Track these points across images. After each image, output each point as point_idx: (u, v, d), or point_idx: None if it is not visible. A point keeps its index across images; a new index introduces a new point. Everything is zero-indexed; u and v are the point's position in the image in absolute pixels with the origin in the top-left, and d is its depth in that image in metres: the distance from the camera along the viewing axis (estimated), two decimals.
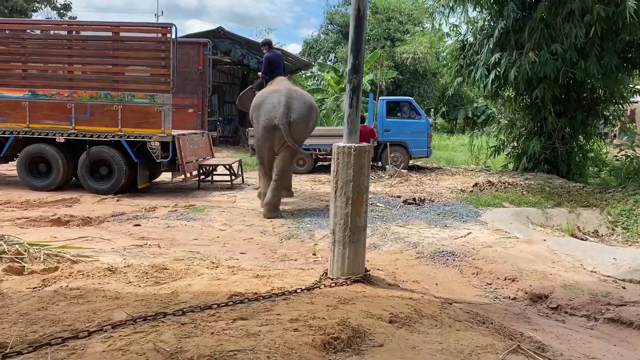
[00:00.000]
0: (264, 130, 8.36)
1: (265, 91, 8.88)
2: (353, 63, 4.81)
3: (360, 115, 10.41)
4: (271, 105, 8.35)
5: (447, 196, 9.57)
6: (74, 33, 9.90)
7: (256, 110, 8.58)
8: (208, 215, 8.19)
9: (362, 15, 4.77)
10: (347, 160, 4.82)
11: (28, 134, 9.73)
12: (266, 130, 8.34)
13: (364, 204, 4.93)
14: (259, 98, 8.76)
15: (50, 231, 6.88)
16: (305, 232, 7.11)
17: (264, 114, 8.36)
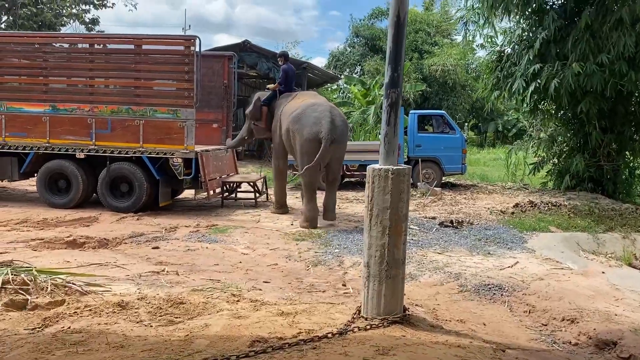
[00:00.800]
0: (309, 143, 8.37)
1: (301, 103, 8.81)
2: (391, 76, 4.29)
3: None
4: (316, 119, 8.38)
5: (487, 218, 8.92)
6: (96, 46, 9.62)
7: (296, 122, 8.51)
8: (230, 237, 7.72)
9: (402, 22, 4.25)
10: (383, 185, 4.29)
11: (48, 149, 9.46)
12: (311, 143, 8.34)
13: (403, 235, 4.38)
14: (295, 110, 8.67)
15: (64, 254, 6.49)
16: (334, 258, 6.57)
17: (309, 126, 8.37)
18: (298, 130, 8.46)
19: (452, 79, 29.14)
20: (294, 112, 8.66)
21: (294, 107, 8.86)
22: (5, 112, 9.48)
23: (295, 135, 8.53)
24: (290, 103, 9.30)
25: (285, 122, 8.86)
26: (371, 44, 34.76)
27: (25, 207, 9.49)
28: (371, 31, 34.42)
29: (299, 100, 9.12)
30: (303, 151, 8.44)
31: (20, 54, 9.75)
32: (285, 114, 9.00)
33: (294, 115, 8.60)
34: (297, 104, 8.93)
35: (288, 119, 8.73)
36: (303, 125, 8.42)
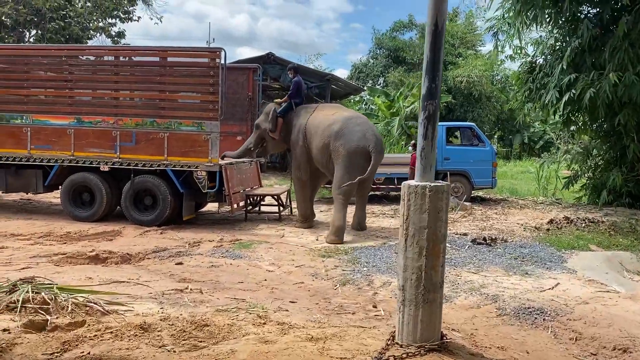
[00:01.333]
0: (356, 156, 8.59)
1: (334, 116, 8.95)
2: (429, 87, 4.04)
3: (415, 142, 9.72)
4: (361, 132, 8.64)
5: (521, 235, 8.56)
6: (121, 58, 9.58)
7: (340, 137, 8.63)
8: (255, 253, 7.51)
9: (441, 31, 4.02)
10: (420, 203, 4.03)
11: (72, 162, 9.41)
12: (358, 156, 8.58)
13: (441, 256, 4.11)
14: (331, 124, 8.80)
15: (86, 270, 6.35)
16: (363, 276, 6.30)
17: (356, 141, 8.57)
18: (343, 145, 8.57)
19: (478, 91, 28.69)
20: (333, 127, 8.75)
21: (325, 120, 8.92)
22: (30, 124, 9.47)
23: (339, 149, 8.61)
24: (315, 116, 9.23)
25: (318, 136, 8.90)
26: (394, 56, 34.54)
27: (49, 220, 9.45)
28: (394, 43, 34.21)
29: (328, 113, 9.19)
30: (347, 165, 8.57)
31: (46, 66, 9.75)
32: (313, 127, 9.03)
33: (335, 130, 8.69)
34: (327, 117, 8.99)
35: (324, 133, 8.80)
36: (349, 140, 8.57)
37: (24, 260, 6.65)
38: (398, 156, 15.17)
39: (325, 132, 8.82)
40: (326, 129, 8.83)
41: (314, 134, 9.02)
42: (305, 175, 9.42)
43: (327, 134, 8.77)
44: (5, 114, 9.51)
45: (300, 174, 9.43)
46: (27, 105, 9.56)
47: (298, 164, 9.41)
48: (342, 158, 8.61)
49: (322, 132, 8.88)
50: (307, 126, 9.17)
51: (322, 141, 8.83)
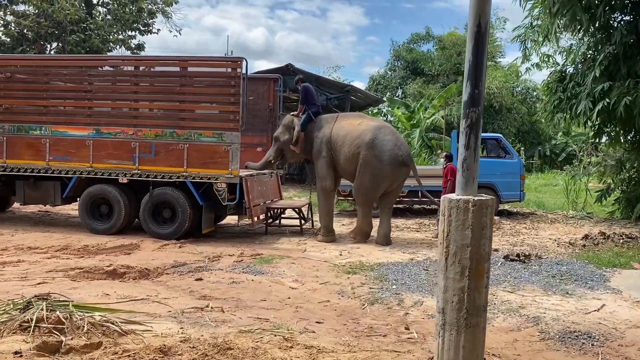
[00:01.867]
0: (391, 167, 8.76)
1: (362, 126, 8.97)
2: (471, 93, 3.74)
3: (447, 154, 9.34)
4: (393, 143, 8.80)
5: (555, 251, 8.15)
6: (141, 68, 9.43)
7: (372, 148, 8.71)
8: (277, 268, 7.23)
9: (484, 33, 3.72)
10: (463, 219, 3.71)
11: (91, 174, 9.24)
12: (392, 167, 8.76)
13: (485, 277, 3.79)
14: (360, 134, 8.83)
15: (104, 286, 6.12)
16: (392, 295, 5.97)
17: (388, 151, 8.71)
18: (376, 156, 8.69)
19: (499, 102, 28.27)
20: (364, 136, 8.79)
21: (353, 130, 8.95)
22: (49, 135, 9.34)
23: (371, 160, 8.70)
24: (340, 125, 9.19)
25: (346, 146, 8.93)
26: (412, 67, 34.29)
27: (67, 233, 9.28)
28: (412, 55, 33.98)
29: (354, 122, 9.17)
30: (377, 173, 8.73)
31: (65, 77, 9.64)
32: (340, 137, 9.02)
33: (367, 140, 8.74)
34: (355, 127, 9.01)
35: (355, 143, 8.83)
36: (382, 151, 8.71)
37: (40, 275, 6.45)
38: (423, 168, 14.81)
39: (356, 141, 8.85)
40: (357, 138, 8.87)
41: (341, 144, 9.00)
42: (331, 185, 9.37)
43: (358, 144, 8.81)
44: (24, 125, 9.39)
45: (325, 184, 9.31)
46: (46, 116, 9.45)
47: (323, 175, 9.28)
48: (372, 167, 8.74)
49: (351, 142, 8.89)
50: (333, 136, 9.11)
51: (352, 151, 8.86)
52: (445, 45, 32.22)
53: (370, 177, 8.81)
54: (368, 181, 8.85)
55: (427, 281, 6.54)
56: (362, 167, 8.85)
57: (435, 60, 31.75)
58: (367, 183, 8.86)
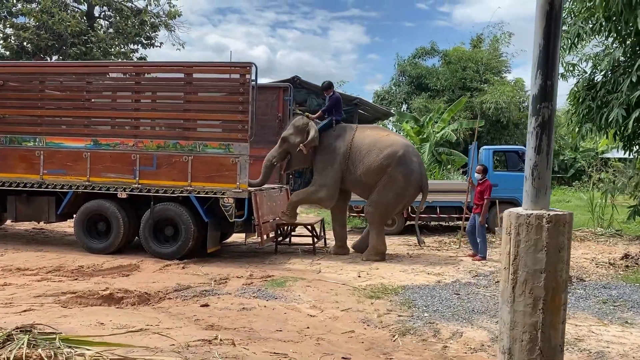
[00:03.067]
0: (413, 189, 8.71)
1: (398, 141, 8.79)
2: (542, 85, 3.09)
3: (483, 166, 8.66)
4: (417, 164, 8.74)
5: (596, 272, 7.44)
6: (142, 75, 8.82)
7: (402, 165, 8.49)
8: (291, 292, 6.52)
9: (557, 12, 3.07)
10: (535, 238, 3.06)
11: (88, 188, 8.58)
12: (414, 189, 8.71)
13: (562, 310, 3.10)
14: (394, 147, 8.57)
15: (98, 313, 5.42)
16: (425, 324, 5.25)
17: (415, 174, 8.60)
18: (404, 174, 8.49)
19: (506, 117, 27.71)
20: (394, 150, 8.52)
21: (380, 142, 8.63)
22: (44, 147, 8.70)
23: (398, 176, 8.47)
24: (363, 135, 8.82)
25: (372, 156, 8.56)
26: (417, 83, 33.79)
27: (61, 252, 8.60)
28: (417, 70, 33.50)
29: (381, 133, 8.92)
30: (400, 193, 8.56)
31: (62, 85, 9.03)
32: (365, 146, 8.64)
33: (399, 156, 8.49)
34: (382, 138, 8.71)
35: (383, 154, 8.51)
36: (410, 170, 8.56)
37: (26, 301, 5.77)
38: (441, 182, 14.11)
39: (386, 151, 8.51)
40: (387, 148, 8.54)
41: (366, 152, 8.57)
42: (331, 201, 8.92)
43: (389, 155, 8.48)
44: (17, 136, 8.75)
45: (323, 195, 8.79)
46: (40, 126, 8.80)
47: (325, 184, 8.76)
48: (396, 184, 8.52)
49: (380, 151, 8.51)
50: (354, 144, 8.68)
51: (379, 161, 8.48)
52: (451, 60, 31.74)
53: (394, 195, 8.57)
54: (391, 198, 8.59)
55: (461, 307, 5.82)
56: (387, 183, 8.53)
57: (440, 75, 31.23)
58: (389, 200, 8.60)
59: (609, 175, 25.84)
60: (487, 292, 6.57)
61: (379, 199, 8.57)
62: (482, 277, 7.37)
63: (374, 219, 8.71)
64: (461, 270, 7.89)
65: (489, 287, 6.79)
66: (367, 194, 8.82)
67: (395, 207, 8.87)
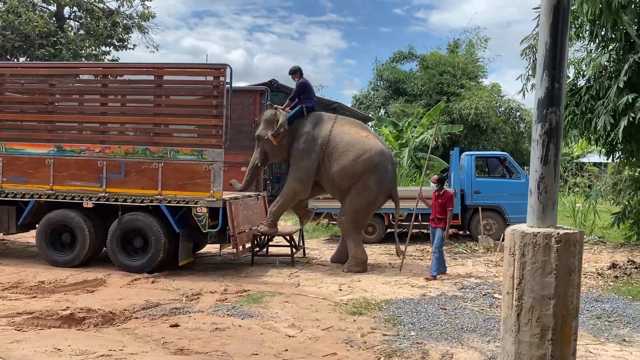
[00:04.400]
0: (384, 197, 8.53)
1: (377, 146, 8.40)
2: (549, 88, 2.77)
3: (440, 176, 8.06)
4: (392, 173, 8.52)
5: (585, 283, 7.18)
6: (110, 77, 8.33)
7: (375, 173, 8.22)
8: (268, 309, 6.10)
9: (566, 7, 2.75)
10: (543, 260, 2.73)
11: (51, 197, 8.05)
12: (384, 197, 8.54)
13: (573, 340, 2.77)
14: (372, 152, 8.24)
15: (56, 337, 4.96)
16: (412, 345, 4.89)
17: (387, 182, 8.41)
18: (378, 183, 8.25)
19: (486, 122, 27.73)
20: (371, 156, 8.22)
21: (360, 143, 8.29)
22: (3, 153, 8.15)
23: (372, 185, 8.22)
24: (343, 130, 8.46)
25: (348, 157, 8.22)
26: (394, 87, 33.69)
27: (22, 266, 8.06)
28: (395, 74, 33.41)
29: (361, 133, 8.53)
30: (373, 201, 8.36)
31: (23, 87, 8.47)
32: (343, 144, 8.29)
33: (375, 163, 8.22)
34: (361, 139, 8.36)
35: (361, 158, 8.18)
36: (384, 179, 8.34)
37: None
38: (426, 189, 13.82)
39: (363, 157, 8.19)
40: (365, 153, 8.23)
41: (343, 151, 8.24)
42: (306, 192, 8.62)
43: (364, 162, 8.18)
44: None
45: (299, 188, 8.49)
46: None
47: (301, 177, 8.44)
48: (369, 193, 8.26)
49: (357, 156, 8.19)
50: (332, 138, 8.35)
51: (356, 167, 8.17)
52: (428, 65, 31.72)
53: (366, 203, 8.33)
54: (362, 206, 8.34)
55: (449, 324, 5.49)
56: (360, 191, 8.25)
57: (417, 80, 31.17)
58: (361, 208, 8.34)
59: (585, 179, 26.04)
60: (475, 306, 6.26)
61: (351, 207, 8.29)
62: (468, 290, 7.06)
63: (348, 228, 8.40)
64: (446, 282, 7.57)
65: (476, 301, 6.48)
66: (336, 194, 8.63)
67: (367, 215, 8.65)
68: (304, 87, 8.74)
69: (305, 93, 8.75)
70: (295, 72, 8.85)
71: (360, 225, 8.60)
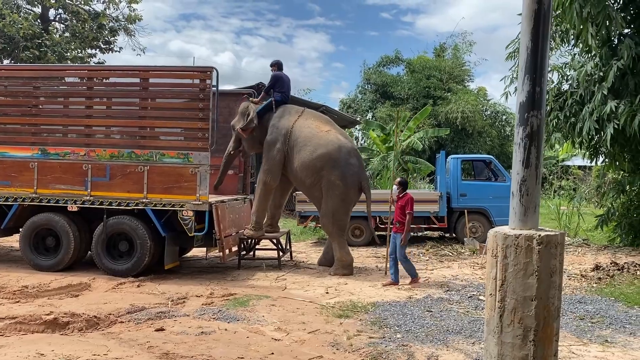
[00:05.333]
0: (354, 191, 8.39)
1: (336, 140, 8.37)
2: (530, 92, 2.81)
3: (404, 180, 7.83)
4: (355, 167, 8.35)
5: (569, 285, 7.26)
6: (95, 80, 8.28)
7: (336, 168, 8.17)
8: (254, 312, 6.09)
9: (547, 11, 2.80)
10: (524, 262, 2.77)
11: (35, 201, 7.97)
12: (354, 192, 8.38)
13: (555, 341, 2.80)
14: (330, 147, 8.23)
15: (39, 342, 4.90)
16: (398, 347, 4.90)
17: (351, 175, 8.27)
18: (341, 178, 8.18)
19: (472, 126, 27.94)
20: (329, 151, 8.20)
21: (319, 137, 8.36)
22: None
23: (335, 181, 8.18)
24: (305, 123, 8.57)
25: (307, 152, 8.25)
26: (382, 91, 33.83)
27: (5, 270, 7.98)
28: (382, 78, 33.57)
29: (322, 127, 8.57)
30: (345, 199, 8.26)
31: (6, 89, 8.38)
32: (303, 137, 8.39)
33: (333, 158, 8.18)
34: (321, 133, 8.42)
35: (317, 153, 8.20)
36: (346, 173, 8.22)
37: None
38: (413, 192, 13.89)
39: (319, 152, 8.22)
40: (321, 147, 8.24)
41: (302, 146, 8.33)
42: (275, 181, 8.62)
43: (321, 156, 8.18)
44: None
45: (268, 179, 8.56)
46: None
47: (269, 168, 8.52)
48: (338, 190, 8.22)
49: (314, 151, 8.25)
50: (294, 131, 8.45)
51: (313, 162, 8.22)
52: (415, 68, 31.91)
53: (339, 201, 8.26)
54: (338, 205, 8.27)
55: (435, 327, 5.51)
56: (328, 190, 8.26)
57: (404, 84, 31.34)
58: (337, 207, 8.27)
59: (570, 182, 26.31)
60: (461, 308, 6.30)
61: (327, 208, 8.29)
62: (454, 292, 7.10)
63: (331, 230, 8.40)
64: (432, 285, 7.61)
65: (462, 303, 6.52)
66: (304, 190, 8.84)
67: (346, 213, 8.45)
68: (276, 80, 8.87)
69: (277, 86, 8.86)
70: (274, 64, 9.00)
71: (341, 225, 8.37)
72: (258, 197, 8.67)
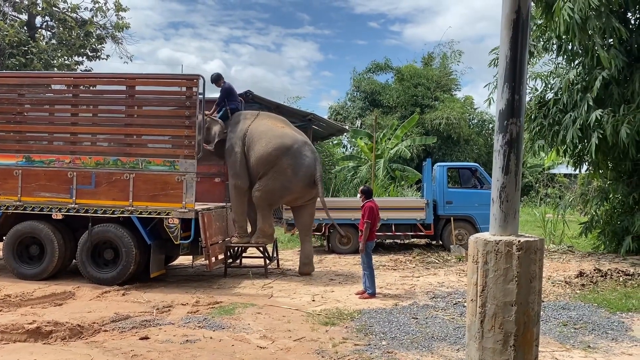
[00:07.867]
0: (303, 184, 8.48)
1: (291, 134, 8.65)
2: (510, 100, 2.86)
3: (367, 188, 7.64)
4: (312, 159, 8.54)
5: (553, 291, 7.33)
6: (81, 87, 8.25)
7: (292, 157, 8.38)
8: (240, 320, 6.08)
9: (525, 20, 2.85)
10: (505, 267, 2.80)
11: (19, 209, 7.90)
12: (304, 185, 8.49)
13: (535, 346, 2.84)
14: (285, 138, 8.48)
15: (21, 352, 4.85)
16: (383, 355, 4.92)
17: (305, 167, 8.43)
18: (293, 167, 8.37)
19: (457, 133, 28.15)
20: (284, 141, 8.43)
21: (274, 131, 8.58)
22: None
23: (287, 170, 8.37)
24: (260, 123, 8.77)
25: (262, 145, 8.42)
26: (371, 98, 34.00)
27: None
28: (371, 86, 33.75)
29: (277, 124, 8.85)
30: (287, 185, 8.43)
31: None
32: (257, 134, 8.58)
33: (287, 146, 8.40)
34: (276, 128, 8.67)
35: (272, 143, 8.39)
36: (301, 164, 8.41)
37: None
38: (396, 200, 14.00)
39: (273, 142, 8.40)
40: (275, 139, 8.43)
41: (257, 141, 8.49)
42: (245, 183, 8.68)
43: (276, 146, 8.36)
44: None
45: (238, 182, 8.66)
46: None
47: (234, 172, 8.65)
48: (284, 176, 8.41)
49: (268, 142, 8.41)
50: (250, 131, 8.62)
51: (268, 152, 8.37)
52: (404, 77, 32.13)
53: (280, 186, 8.47)
54: (276, 188, 8.48)
55: (420, 333, 5.54)
56: (275, 172, 8.42)
57: (393, 92, 31.53)
58: (274, 189, 8.48)
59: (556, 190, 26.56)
60: (446, 315, 6.32)
61: (266, 186, 8.47)
62: (439, 299, 7.13)
63: (260, 204, 8.59)
64: (418, 292, 7.64)
65: (447, 310, 6.55)
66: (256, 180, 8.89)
67: (280, 197, 8.69)
68: (227, 92, 9.12)
69: (230, 96, 9.12)
70: (218, 79, 9.19)
71: (271, 203, 8.72)
72: (233, 202, 8.85)
